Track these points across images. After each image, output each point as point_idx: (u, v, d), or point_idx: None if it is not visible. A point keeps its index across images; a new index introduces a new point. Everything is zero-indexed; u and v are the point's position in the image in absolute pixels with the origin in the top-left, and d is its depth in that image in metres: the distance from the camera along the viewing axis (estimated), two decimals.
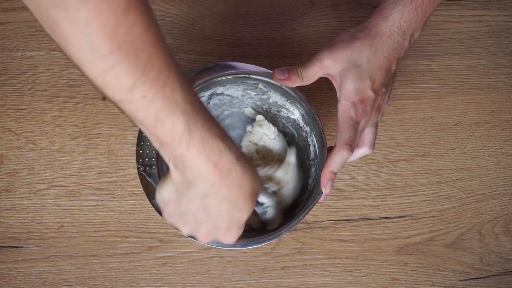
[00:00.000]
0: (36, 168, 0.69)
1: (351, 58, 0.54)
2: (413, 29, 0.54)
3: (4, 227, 0.67)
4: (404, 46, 0.55)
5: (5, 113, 0.71)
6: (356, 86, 0.53)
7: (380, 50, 0.53)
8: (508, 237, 0.70)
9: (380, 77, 0.54)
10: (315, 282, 0.67)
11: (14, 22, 0.74)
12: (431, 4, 0.53)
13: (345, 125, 0.53)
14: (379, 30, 0.54)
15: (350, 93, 0.53)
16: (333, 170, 0.55)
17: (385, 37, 0.53)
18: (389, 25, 0.53)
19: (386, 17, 0.53)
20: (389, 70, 0.55)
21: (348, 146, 0.53)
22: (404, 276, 0.68)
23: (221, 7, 0.77)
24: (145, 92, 0.37)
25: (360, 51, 0.53)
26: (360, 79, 0.53)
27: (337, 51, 0.54)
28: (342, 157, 0.54)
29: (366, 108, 0.54)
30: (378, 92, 0.55)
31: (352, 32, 0.55)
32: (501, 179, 0.72)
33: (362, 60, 0.53)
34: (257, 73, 0.61)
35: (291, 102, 0.63)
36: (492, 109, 0.75)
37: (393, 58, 0.54)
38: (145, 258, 0.67)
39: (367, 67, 0.53)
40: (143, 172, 0.58)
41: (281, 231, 0.57)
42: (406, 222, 0.70)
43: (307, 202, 0.58)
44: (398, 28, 0.53)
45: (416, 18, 0.53)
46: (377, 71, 0.54)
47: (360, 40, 0.54)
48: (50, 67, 0.73)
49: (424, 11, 0.53)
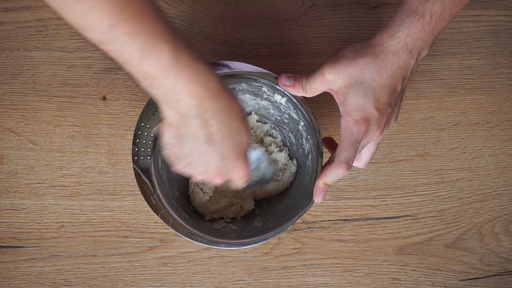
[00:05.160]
0: (36, 168, 0.69)
1: (353, 75, 0.52)
2: (420, 47, 0.52)
3: (4, 227, 0.67)
4: (411, 64, 0.53)
5: (5, 113, 0.71)
6: (358, 103, 0.52)
7: (384, 68, 0.52)
8: (508, 237, 0.70)
9: (385, 95, 0.53)
10: (315, 282, 0.67)
11: (14, 22, 0.74)
12: (439, 23, 0.52)
13: (346, 143, 0.53)
14: (384, 47, 0.52)
15: (353, 110, 0.52)
16: (327, 182, 0.55)
17: (389, 55, 0.52)
18: (395, 42, 0.52)
19: (392, 34, 0.52)
20: (394, 89, 0.53)
21: (346, 164, 0.53)
22: (404, 276, 0.68)
23: (221, 7, 0.77)
24: (126, 29, 0.38)
25: (363, 69, 0.52)
26: (363, 96, 0.52)
27: (339, 66, 0.53)
28: (338, 173, 0.54)
29: (369, 128, 0.53)
30: (383, 112, 0.53)
31: (356, 47, 0.54)
32: (501, 179, 0.72)
33: (365, 78, 0.52)
34: (250, 73, 0.61)
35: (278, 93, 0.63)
36: (492, 109, 0.75)
37: (398, 76, 0.53)
38: (145, 258, 0.67)
39: (370, 84, 0.52)
40: (138, 170, 0.58)
41: (268, 235, 0.57)
42: (406, 222, 0.70)
43: (297, 208, 0.59)
44: (404, 46, 0.52)
45: (423, 36, 0.52)
46: (381, 89, 0.52)
47: (364, 57, 0.52)
48: (50, 67, 0.73)
49: (431, 29, 0.52)
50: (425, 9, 0.51)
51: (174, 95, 0.43)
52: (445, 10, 0.52)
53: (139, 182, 0.58)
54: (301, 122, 0.63)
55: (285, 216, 0.60)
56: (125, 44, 0.39)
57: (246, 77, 0.62)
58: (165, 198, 0.60)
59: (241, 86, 0.64)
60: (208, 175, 0.49)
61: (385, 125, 0.54)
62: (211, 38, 0.75)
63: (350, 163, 0.53)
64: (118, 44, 0.39)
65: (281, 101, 0.63)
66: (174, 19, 0.76)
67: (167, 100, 0.44)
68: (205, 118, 0.45)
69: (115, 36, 0.38)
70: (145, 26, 0.39)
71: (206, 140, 0.46)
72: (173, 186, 0.66)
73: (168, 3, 0.76)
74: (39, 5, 0.75)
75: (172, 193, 0.64)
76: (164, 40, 0.40)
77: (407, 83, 0.55)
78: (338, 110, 0.58)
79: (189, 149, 0.47)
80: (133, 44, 0.39)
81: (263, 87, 0.63)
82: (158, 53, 0.40)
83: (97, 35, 0.39)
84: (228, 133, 0.47)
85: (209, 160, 0.48)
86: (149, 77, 0.42)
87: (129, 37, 0.39)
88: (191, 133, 0.46)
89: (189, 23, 0.76)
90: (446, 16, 0.52)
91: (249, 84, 0.63)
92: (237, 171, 0.50)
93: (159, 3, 0.76)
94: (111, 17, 0.37)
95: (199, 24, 0.76)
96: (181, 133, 0.46)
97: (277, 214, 0.64)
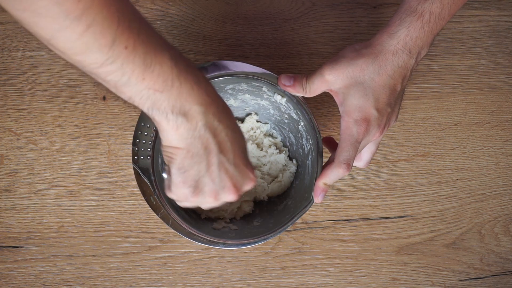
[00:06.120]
0: (36, 168, 0.69)
1: (353, 75, 0.52)
2: (420, 46, 0.52)
3: (4, 227, 0.67)
4: (410, 64, 0.53)
5: (5, 113, 0.71)
6: (358, 104, 0.52)
7: (384, 68, 0.52)
8: (508, 237, 0.70)
9: (384, 96, 0.53)
10: (315, 282, 0.67)
11: (14, 22, 0.74)
12: (438, 22, 0.52)
13: (346, 143, 0.53)
14: (383, 47, 0.52)
15: (353, 110, 0.52)
16: (327, 183, 0.55)
17: (389, 55, 0.52)
18: (394, 42, 0.52)
19: (391, 34, 0.52)
20: (394, 89, 0.53)
21: (346, 165, 0.53)
22: (404, 276, 0.68)
23: (221, 7, 0.77)
24: (125, 43, 0.37)
25: (363, 69, 0.52)
26: (362, 96, 0.52)
27: (339, 67, 0.53)
28: (338, 174, 0.54)
29: (369, 128, 0.53)
30: (383, 112, 0.53)
31: (356, 48, 0.54)
32: (501, 179, 0.72)
33: (365, 78, 0.52)
34: (250, 73, 0.61)
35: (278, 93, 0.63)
36: (492, 109, 0.75)
37: (398, 76, 0.53)
38: (145, 258, 0.67)
39: (370, 85, 0.52)
40: (138, 170, 0.58)
41: (268, 235, 0.58)
42: (406, 222, 0.70)
43: (297, 208, 0.59)
44: (404, 46, 0.52)
45: (423, 36, 0.52)
46: (381, 89, 0.52)
47: (364, 57, 0.52)
48: (50, 67, 0.73)
49: (431, 28, 0.52)
50: (424, 9, 0.51)
51: (181, 107, 0.41)
52: (444, 9, 0.52)
53: (139, 182, 0.58)
54: (301, 122, 0.63)
55: (285, 216, 0.60)
56: (127, 59, 0.38)
57: (246, 77, 0.62)
58: (165, 198, 0.60)
59: (241, 86, 0.64)
60: (225, 191, 0.47)
61: (385, 125, 0.54)
62: (211, 38, 0.75)
63: (350, 164, 0.53)
64: (120, 61, 0.38)
65: (281, 101, 0.63)
66: (174, 19, 0.76)
67: (174, 117, 0.42)
68: (214, 126, 0.43)
69: (117, 53, 0.37)
70: (142, 38, 0.38)
71: (219, 150, 0.44)
72: None
73: (168, 3, 0.76)
74: None
75: None
76: (163, 49, 0.40)
77: (407, 82, 0.55)
78: (338, 110, 0.58)
79: (199, 169, 0.44)
80: (136, 57, 0.38)
81: (263, 87, 0.63)
82: (160, 63, 0.39)
83: (96, 56, 0.37)
84: (235, 137, 0.46)
85: (225, 172, 0.46)
86: (152, 95, 0.40)
87: (130, 51, 0.38)
88: (204, 147, 0.44)
89: (189, 23, 0.76)
90: (445, 15, 0.52)
91: (249, 84, 0.63)
92: (250, 178, 0.48)
93: (159, 3, 0.76)
94: (110, 33, 0.36)
95: (199, 24, 0.76)
96: (192, 152, 0.44)
97: (277, 214, 0.64)
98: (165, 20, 0.76)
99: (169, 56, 0.40)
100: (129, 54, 0.38)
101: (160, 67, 0.39)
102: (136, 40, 0.38)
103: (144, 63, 0.39)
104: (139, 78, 0.39)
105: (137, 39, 0.38)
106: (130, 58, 0.38)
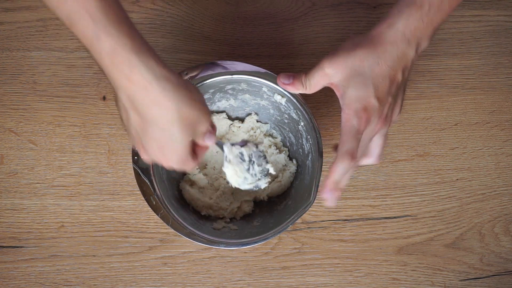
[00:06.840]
0: (36, 168, 0.69)
1: (352, 67, 0.52)
2: (419, 37, 0.52)
3: (4, 227, 0.67)
4: (409, 55, 0.53)
5: (5, 113, 0.71)
6: (358, 94, 0.52)
7: (383, 59, 0.52)
8: (508, 237, 0.70)
9: (385, 85, 0.52)
10: (315, 282, 0.67)
11: (14, 22, 0.74)
12: (438, 13, 0.52)
13: (347, 135, 0.51)
14: (382, 38, 0.52)
15: (352, 101, 0.52)
16: (336, 178, 0.52)
17: (388, 45, 0.52)
18: (393, 33, 0.52)
19: (390, 24, 0.52)
20: (394, 79, 0.53)
21: (349, 155, 0.51)
22: (404, 276, 0.68)
23: (221, 7, 0.77)
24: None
25: (362, 60, 0.52)
26: (362, 87, 0.52)
27: (338, 59, 0.53)
28: (344, 166, 0.51)
29: (370, 118, 0.52)
30: (384, 101, 0.53)
31: (355, 40, 0.54)
32: (501, 179, 0.72)
33: (364, 69, 0.52)
34: (250, 73, 0.61)
35: (278, 93, 0.63)
36: (492, 109, 0.75)
37: (397, 67, 0.52)
38: (145, 258, 0.67)
39: (369, 75, 0.52)
40: (138, 170, 0.58)
41: (268, 235, 0.58)
42: (406, 222, 0.70)
43: (297, 208, 0.59)
44: (402, 37, 0.52)
45: (422, 27, 0.52)
46: (381, 79, 0.52)
47: (363, 48, 0.52)
48: (50, 67, 0.73)
49: (430, 19, 0.52)
50: (423, 0, 0.51)
51: (107, 70, 0.44)
52: (444, 1, 0.52)
53: (139, 182, 0.58)
54: (301, 122, 0.63)
55: (285, 216, 0.60)
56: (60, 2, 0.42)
57: (246, 77, 0.62)
58: (165, 198, 0.60)
59: (241, 86, 0.64)
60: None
61: (387, 115, 0.54)
62: (211, 38, 0.75)
63: (354, 154, 0.51)
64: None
65: (281, 101, 0.63)
66: (174, 19, 0.76)
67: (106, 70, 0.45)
68: (129, 105, 0.46)
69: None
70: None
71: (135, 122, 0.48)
72: (173, 186, 0.66)
73: (168, 3, 0.76)
74: (39, 5, 0.75)
75: (172, 192, 0.64)
76: (90, 16, 0.41)
77: (408, 74, 0.55)
78: (338, 110, 0.59)
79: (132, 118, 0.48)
80: (65, 6, 0.42)
81: (263, 87, 0.63)
82: (82, 26, 0.42)
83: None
84: (152, 129, 0.48)
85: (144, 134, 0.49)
86: (83, 42, 0.43)
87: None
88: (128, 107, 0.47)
89: (189, 23, 0.76)
90: (445, 7, 0.52)
91: (249, 84, 0.63)
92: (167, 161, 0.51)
93: (159, 3, 0.76)
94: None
95: (199, 24, 0.76)
96: (125, 107, 0.47)
97: (277, 214, 0.64)
98: (165, 20, 0.76)
99: (93, 27, 0.42)
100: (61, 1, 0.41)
101: (83, 30, 0.42)
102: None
103: (69, 17, 0.42)
104: (66, 22, 0.43)
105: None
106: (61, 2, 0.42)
